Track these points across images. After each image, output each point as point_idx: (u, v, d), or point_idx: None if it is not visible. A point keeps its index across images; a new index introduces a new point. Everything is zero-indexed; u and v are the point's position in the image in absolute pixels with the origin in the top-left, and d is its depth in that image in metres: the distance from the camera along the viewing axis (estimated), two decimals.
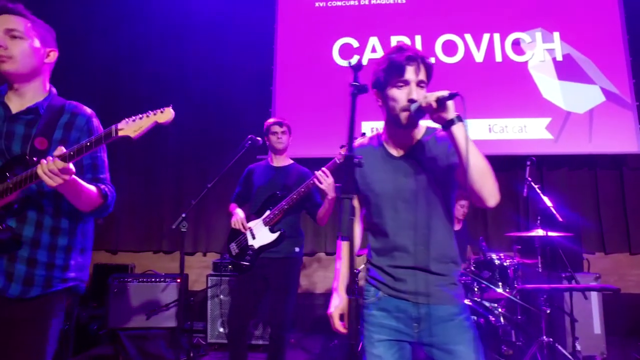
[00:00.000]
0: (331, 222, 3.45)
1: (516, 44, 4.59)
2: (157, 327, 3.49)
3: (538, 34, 4.57)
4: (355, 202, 1.64)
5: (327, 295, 4.61)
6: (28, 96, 1.51)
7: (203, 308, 3.81)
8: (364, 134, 2.50)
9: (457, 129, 1.32)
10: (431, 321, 1.41)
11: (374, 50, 4.69)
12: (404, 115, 1.41)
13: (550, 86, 4.48)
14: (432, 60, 1.48)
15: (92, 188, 1.45)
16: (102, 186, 1.50)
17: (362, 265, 3.61)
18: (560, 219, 2.78)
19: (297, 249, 2.67)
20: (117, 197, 1.59)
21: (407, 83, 1.40)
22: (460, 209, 3.55)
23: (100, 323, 3.67)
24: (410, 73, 1.40)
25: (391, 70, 1.40)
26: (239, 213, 2.72)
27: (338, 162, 2.47)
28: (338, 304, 1.51)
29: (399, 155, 1.52)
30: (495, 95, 4.46)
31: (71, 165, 1.33)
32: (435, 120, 1.36)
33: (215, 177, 2.68)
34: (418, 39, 4.68)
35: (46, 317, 1.44)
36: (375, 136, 1.61)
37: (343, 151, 2.47)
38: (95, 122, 1.58)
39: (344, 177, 1.17)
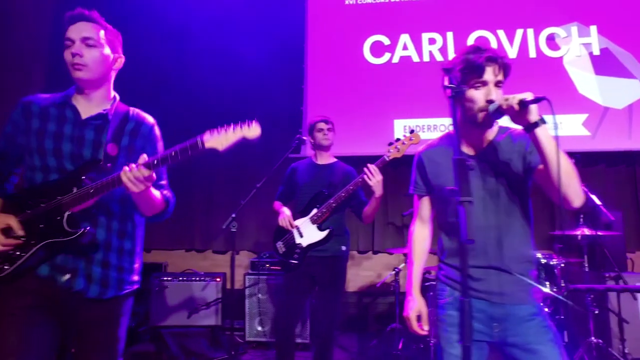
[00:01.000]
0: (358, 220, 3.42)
1: (551, 39, 4.50)
2: (197, 325, 3.53)
3: (574, 29, 4.47)
4: (425, 204, 1.63)
5: (360, 294, 4.61)
6: (96, 101, 1.54)
7: (239, 306, 3.83)
8: (412, 131, 2.49)
9: (541, 131, 1.30)
10: (511, 321, 1.39)
11: (405, 47, 4.65)
12: (481, 115, 1.40)
13: (586, 81, 4.38)
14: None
15: (158, 194, 1.52)
16: (165, 192, 1.59)
17: (403, 265, 3.59)
18: (612, 217, 2.72)
19: (343, 248, 2.66)
20: None
21: (485, 84, 1.39)
22: None
23: (137, 320, 3.73)
24: (489, 74, 1.38)
25: (469, 70, 1.38)
26: (286, 211, 2.72)
27: (387, 159, 2.45)
28: (414, 305, 1.50)
29: (473, 155, 1.50)
30: (529, 91, 4.37)
31: (153, 174, 1.38)
32: (516, 122, 1.33)
33: (264, 177, 2.70)
34: (450, 35, 4.63)
35: (119, 317, 1.52)
36: (445, 136, 1.59)
37: (392, 149, 2.46)
38: (157, 130, 1.65)
39: (459, 181, 1.15)
